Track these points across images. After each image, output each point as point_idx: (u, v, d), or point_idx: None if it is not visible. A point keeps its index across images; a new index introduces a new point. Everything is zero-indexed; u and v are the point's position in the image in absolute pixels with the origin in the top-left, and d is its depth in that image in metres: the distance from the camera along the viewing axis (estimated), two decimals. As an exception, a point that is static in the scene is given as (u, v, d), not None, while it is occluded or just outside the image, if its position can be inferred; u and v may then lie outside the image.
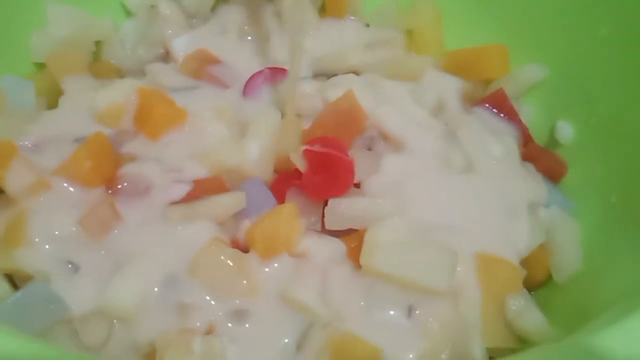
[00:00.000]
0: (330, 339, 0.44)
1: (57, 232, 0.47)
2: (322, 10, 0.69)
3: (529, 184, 0.52)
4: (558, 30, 0.59)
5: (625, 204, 0.50)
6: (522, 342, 0.47)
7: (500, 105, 0.58)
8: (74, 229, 0.47)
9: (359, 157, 0.51)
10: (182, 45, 0.63)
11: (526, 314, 0.46)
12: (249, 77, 0.60)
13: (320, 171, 0.50)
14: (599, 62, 0.55)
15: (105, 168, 0.50)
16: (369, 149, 0.55)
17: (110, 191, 0.49)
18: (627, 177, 0.51)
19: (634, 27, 0.51)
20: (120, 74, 0.65)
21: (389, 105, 0.56)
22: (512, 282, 0.47)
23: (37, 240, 0.46)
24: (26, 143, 0.51)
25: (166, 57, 0.66)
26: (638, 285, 0.40)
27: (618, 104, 0.53)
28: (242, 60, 0.63)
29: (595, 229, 0.52)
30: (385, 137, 0.55)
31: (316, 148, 0.51)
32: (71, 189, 0.49)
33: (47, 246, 0.47)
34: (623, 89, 0.52)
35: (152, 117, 0.53)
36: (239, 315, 0.45)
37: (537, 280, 0.52)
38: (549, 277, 0.52)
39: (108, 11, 0.65)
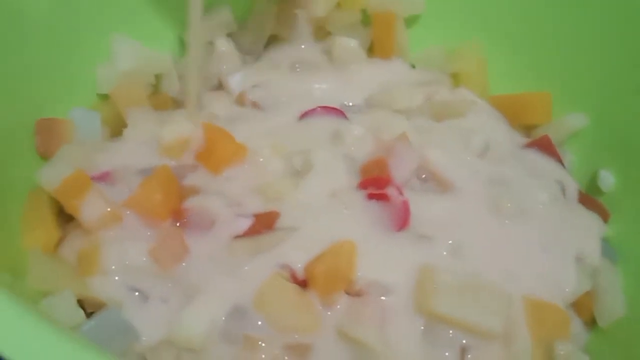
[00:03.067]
0: None
1: (128, 262, 0.49)
2: (370, 51, 0.72)
3: (579, 232, 0.54)
4: (600, 81, 0.61)
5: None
6: (570, 385, 0.49)
7: (547, 151, 0.60)
8: (144, 259, 0.49)
9: (412, 198, 0.54)
10: (238, 81, 0.66)
11: (574, 358, 0.48)
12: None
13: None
14: (639, 113, 0.58)
15: (172, 200, 0.52)
16: (420, 189, 0.57)
17: (178, 224, 0.51)
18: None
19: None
20: (176, 105, 0.68)
21: (438, 148, 0.59)
22: (561, 327, 0.49)
23: (112, 268, 0.48)
24: (96, 172, 0.54)
25: (219, 89, 0.69)
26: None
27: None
28: (291, 96, 0.66)
29: (637, 277, 0.54)
30: (435, 178, 0.57)
31: (370, 190, 0.54)
32: (141, 221, 0.51)
33: (117, 276, 0.49)
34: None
35: (216, 152, 0.56)
36: (301, 350, 0.47)
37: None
38: (594, 322, 0.54)
39: (168, 46, 0.68)
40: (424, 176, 0.57)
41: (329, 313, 0.48)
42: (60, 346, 0.31)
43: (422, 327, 0.48)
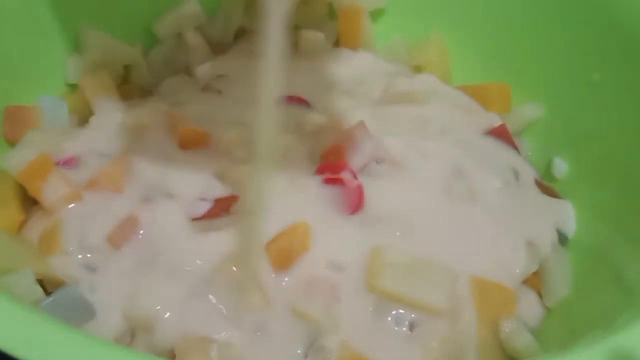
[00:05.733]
0: (339, 356, 0.47)
1: (87, 242, 0.51)
2: (336, 44, 0.74)
3: (532, 217, 0.56)
4: (555, 74, 0.64)
5: (614, 236, 0.54)
6: (514, 361, 0.50)
7: (503, 138, 0.62)
8: (102, 239, 0.51)
9: (368, 182, 0.55)
10: (206, 71, 0.68)
11: (518, 335, 0.50)
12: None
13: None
14: (591, 104, 0.60)
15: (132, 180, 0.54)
16: (376, 174, 0.59)
17: (138, 201, 0.53)
18: (615, 212, 0.55)
19: (622, 75, 0.56)
20: (145, 95, 0.69)
21: (395, 135, 0.60)
22: (506, 305, 0.51)
23: (71, 249, 0.50)
24: (61, 158, 0.56)
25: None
26: (613, 312, 0.44)
27: (608, 143, 0.57)
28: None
29: (585, 258, 0.56)
30: (391, 164, 0.59)
31: (327, 175, 0.56)
32: (101, 200, 0.53)
33: (76, 255, 0.51)
34: (612, 130, 0.57)
35: (177, 139, 0.57)
36: (253, 325, 0.48)
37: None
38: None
39: (138, 38, 0.69)
40: (380, 162, 0.59)
41: (281, 291, 0.49)
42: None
43: (372, 305, 0.49)
